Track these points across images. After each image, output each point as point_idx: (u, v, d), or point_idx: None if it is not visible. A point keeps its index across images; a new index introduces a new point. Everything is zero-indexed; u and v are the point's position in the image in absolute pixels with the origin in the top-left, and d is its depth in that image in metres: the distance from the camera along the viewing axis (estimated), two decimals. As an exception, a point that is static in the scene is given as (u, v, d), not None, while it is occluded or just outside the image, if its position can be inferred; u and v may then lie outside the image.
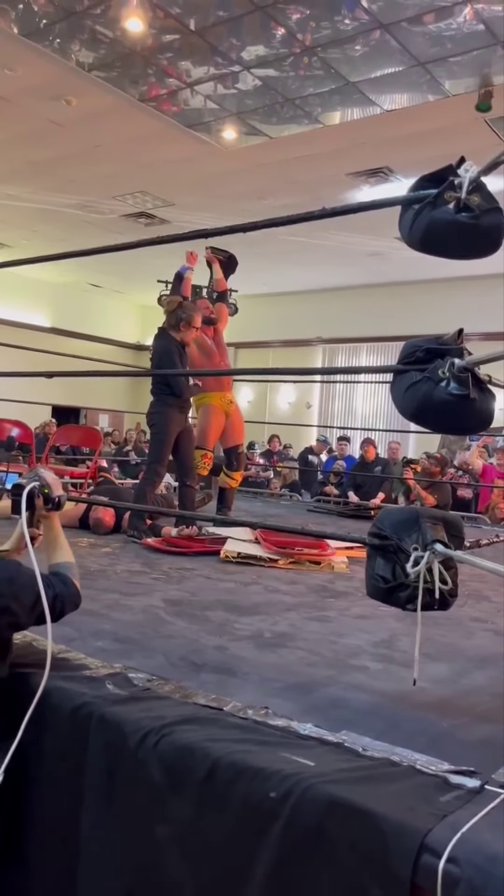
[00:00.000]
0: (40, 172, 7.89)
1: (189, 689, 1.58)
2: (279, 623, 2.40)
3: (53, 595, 1.62)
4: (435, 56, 5.20)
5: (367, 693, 1.74)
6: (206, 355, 4.89)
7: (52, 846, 1.53)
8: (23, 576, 1.59)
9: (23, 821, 1.57)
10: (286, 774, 1.20)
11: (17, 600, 1.54)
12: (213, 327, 5.02)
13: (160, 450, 4.13)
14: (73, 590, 1.72)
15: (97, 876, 1.41)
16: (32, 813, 1.57)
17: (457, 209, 1.47)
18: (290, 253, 10.07)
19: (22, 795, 1.56)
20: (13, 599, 1.54)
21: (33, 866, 1.56)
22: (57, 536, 1.83)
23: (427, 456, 6.77)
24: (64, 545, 1.83)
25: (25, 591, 1.56)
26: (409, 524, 1.54)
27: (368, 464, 7.88)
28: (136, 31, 5.16)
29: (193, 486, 4.36)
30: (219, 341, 5.07)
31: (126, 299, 14.54)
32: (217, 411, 4.88)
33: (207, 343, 4.91)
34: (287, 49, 5.31)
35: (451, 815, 1.10)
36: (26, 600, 1.56)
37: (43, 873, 1.53)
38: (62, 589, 1.68)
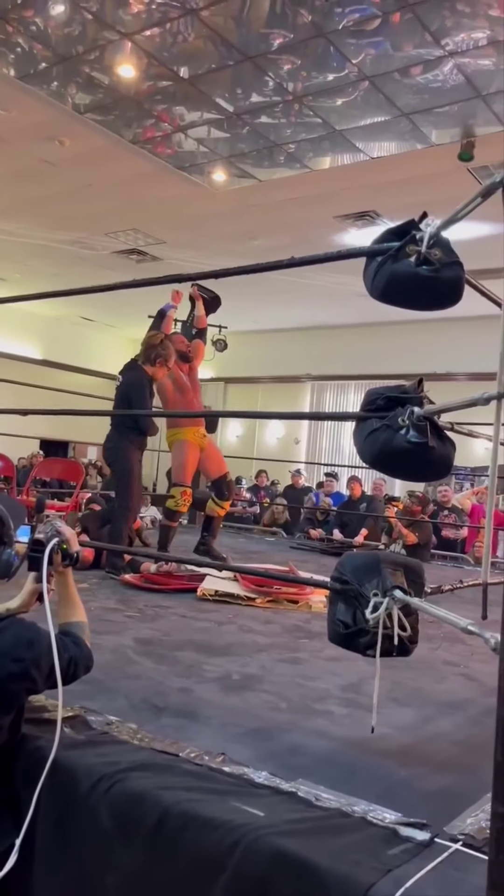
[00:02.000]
0: (34, 209, 8.01)
1: (147, 733, 1.57)
2: (249, 665, 2.39)
3: (69, 658, 1.57)
4: (419, 107, 5.36)
5: (327, 740, 1.73)
6: (180, 391, 4.91)
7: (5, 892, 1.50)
8: (43, 639, 1.52)
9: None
10: (235, 825, 1.19)
11: (37, 666, 1.48)
12: (188, 364, 5.05)
13: (129, 486, 4.12)
14: (86, 651, 1.66)
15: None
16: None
17: (417, 262, 1.51)
18: (280, 291, 10.21)
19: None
20: (34, 665, 1.48)
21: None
22: (71, 594, 1.76)
23: (409, 495, 6.79)
24: (78, 603, 1.76)
25: (45, 656, 1.50)
26: (370, 569, 1.55)
27: (354, 501, 7.89)
28: (128, 78, 5.30)
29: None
30: (193, 378, 5.10)
31: (117, 333, 14.66)
32: (192, 446, 4.88)
33: (182, 379, 4.93)
34: (277, 97, 5.46)
35: (396, 870, 1.09)
36: (45, 665, 1.50)
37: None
38: (76, 651, 1.61)
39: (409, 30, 4.52)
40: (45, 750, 1.45)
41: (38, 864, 1.43)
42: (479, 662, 2.65)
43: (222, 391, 13.73)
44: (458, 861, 1.14)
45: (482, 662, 2.65)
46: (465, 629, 1.22)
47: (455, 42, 4.63)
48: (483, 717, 2.01)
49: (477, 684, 2.39)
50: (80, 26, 4.83)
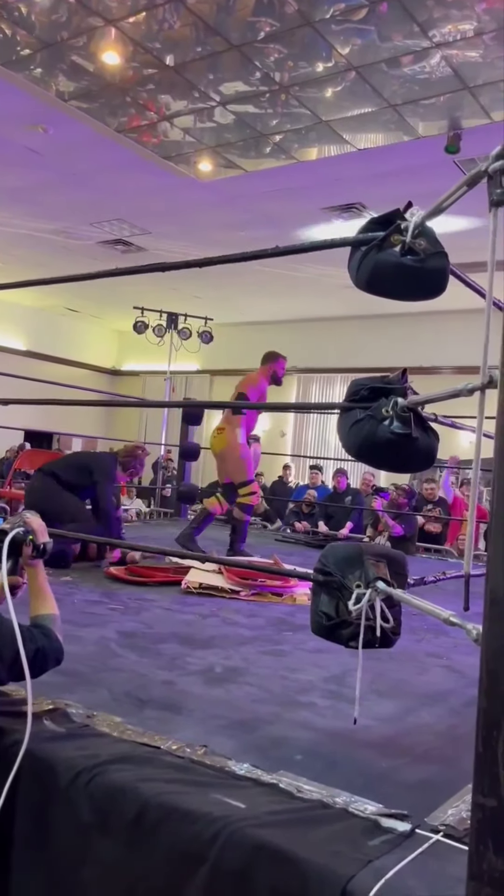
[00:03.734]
0: (17, 198, 7.93)
1: (129, 726, 1.56)
2: (232, 657, 2.38)
3: (35, 649, 1.55)
4: (406, 99, 5.34)
5: (310, 731, 1.73)
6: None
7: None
8: (4, 628, 1.51)
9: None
10: (215, 817, 1.18)
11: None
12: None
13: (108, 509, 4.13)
14: (56, 644, 1.64)
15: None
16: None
17: (402, 252, 1.50)
18: (266, 283, 10.19)
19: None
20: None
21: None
22: (41, 586, 1.75)
23: (395, 487, 6.82)
24: (49, 596, 1.75)
25: (9, 646, 1.48)
26: (353, 561, 1.54)
27: (339, 494, 7.91)
28: (113, 65, 5.25)
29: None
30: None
31: (103, 324, 14.57)
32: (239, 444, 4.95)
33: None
34: (264, 87, 5.42)
35: (377, 861, 1.09)
36: (7, 656, 1.48)
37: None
38: (44, 643, 1.60)
39: (396, 20, 4.50)
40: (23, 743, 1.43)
41: (17, 858, 1.42)
42: (461, 654, 2.66)
43: (208, 383, 13.70)
44: (439, 852, 1.14)
45: (465, 654, 2.66)
46: (448, 620, 1.22)
47: (442, 34, 4.62)
48: (465, 709, 2.01)
49: (459, 676, 2.40)
50: (65, 12, 4.76)
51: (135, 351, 14.04)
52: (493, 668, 0.97)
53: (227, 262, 1.87)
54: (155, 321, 11.01)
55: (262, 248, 1.90)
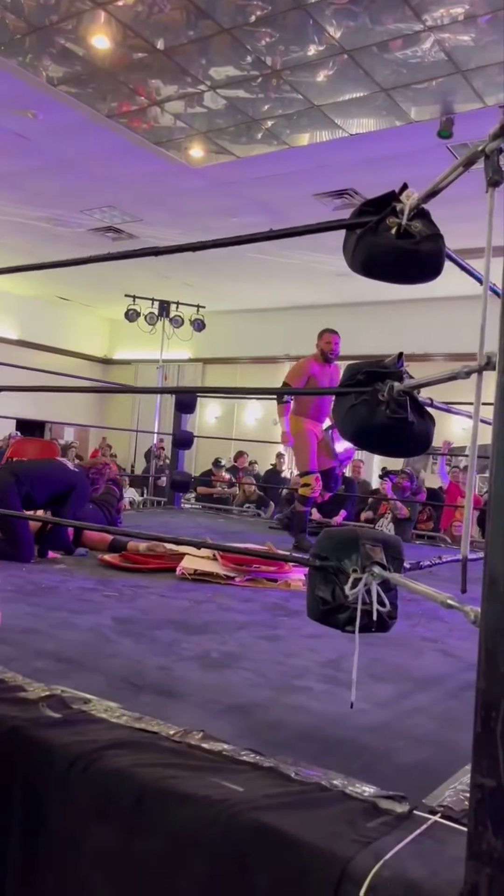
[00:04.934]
0: (7, 185, 7.85)
1: (125, 711, 1.56)
2: (228, 642, 2.38)
3: None
4: (398, 83, 5.31)
5: (307, 715, 1.73)
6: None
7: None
8: None
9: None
10: (213, 800, 1.18)
11: None
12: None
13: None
14: None
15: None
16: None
17: (398, 235, 1.49)
18: (258, 270, 10.15)
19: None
20: None
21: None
22: None
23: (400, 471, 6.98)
24: None
25: None
26: (349, 545, 1.54)
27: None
28: (104, 49, 5.19)
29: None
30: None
31: (94, 313, 14.50)
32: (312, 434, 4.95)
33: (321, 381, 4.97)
34: (255, 71, 5.38)
35: (376, 842, 1.09)
36: None
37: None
38: None
39: (388, 3, 4.47)
40: (22, 730, 1.43)
41: (14, 845, 1.42)
42: (456, 639, 2.67)
43: (200, 372, 13.66)
44: (437, 833, 1.15)
45: (460, 639, 2.67)
46: (445, 603, 1.22)
47: (434, 17, 4.59)
48: (461, 692, 2.03)
49: (454, 660, 2.41)
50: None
51: (127, 339, 13.99)
52: (491, 649, 0.97)
53: (221, 246, 1.86)
54: (147, 309, 10.97)
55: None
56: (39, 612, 2.57)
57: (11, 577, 3.18)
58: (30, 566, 3.52)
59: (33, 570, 3.45)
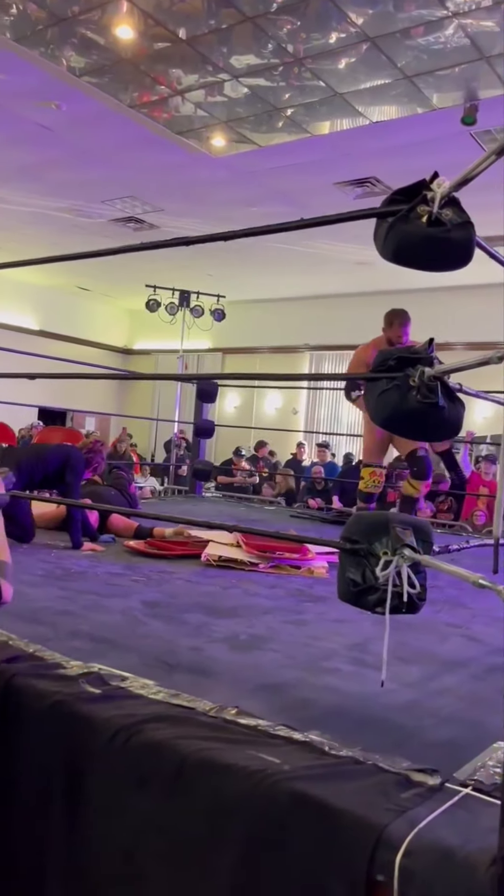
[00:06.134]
0: (29, 176, 7.91)
1: (161, 688, 1.61)
2: (255, 626, 2.43)
3: None
4: (422, 69, 5.28)
5: (337, 694, 1.77)
6: None
7: (19, 844, 1.54)
8: None
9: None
10: (252, 770, 1.23)
11: None
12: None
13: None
14: None
15: (62, 871, 1.43)
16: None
17: (429, 223, 1.51)
18: (279, 260, 10.14)
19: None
20: None
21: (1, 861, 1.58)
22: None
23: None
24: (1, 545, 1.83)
25: None
26: (380, 528, 1.57)
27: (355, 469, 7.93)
28: (126, 39, 5.21)
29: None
30: None
31: (114, 303, 14.57)
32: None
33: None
34: (277, 59, 5.37)
35: (410, 811, 1.13)
36: None
37: (14, 865, 1.55)
38: None
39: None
40: (65, 705, 1.49)
41: (54, 814, 1.47)
42: (480, 624, 2.70)
43: (220, 361, 13.70)
44: (469, 804, 1.18)
45: (484, 624, 2.70)
46: (478, 583, 1.25)
47: (457, 3, 4.56)
48: (486, 675, 2.06)
49: (479, 644, 2.43)
50: (77, -15, 4.74)
51: (147, 330, 14.06)
52: (525, 625, 1.00)
53: (251, 235, 1.89)
54: (167, 299, 11.01)
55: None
56: (71, 595, 2.63)
57: (41, 563, 3.25)
58: (58, 552, 3.59)
59: (62, 555, 3.51)
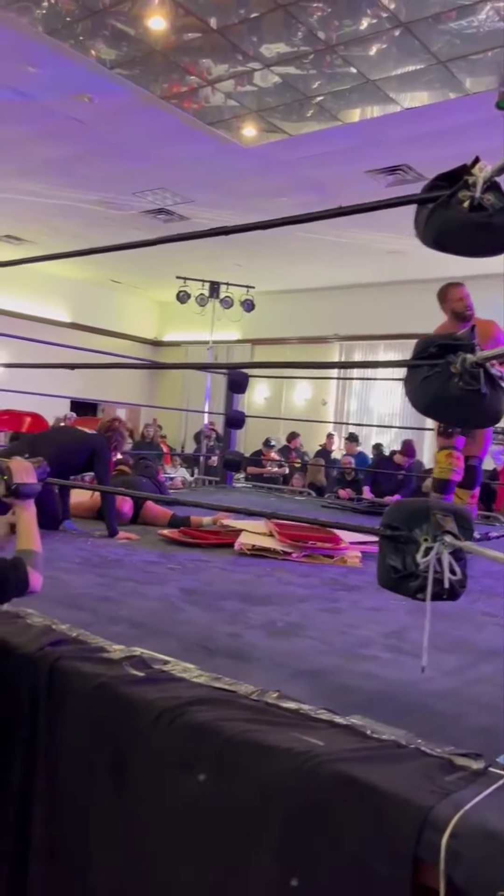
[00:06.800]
0: (61, 169, 7.98)
1: (203, 671, 1.63)
2: (291, 613, 2.45)
3: None
4: (455, 54, 5.21)
5: (376, 680, 1.78)
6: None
7: (64, 821, 1.58)
8: None
9: (32, 797, 1.62)
10: (296, 752, 1.25)
11: None
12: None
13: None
14: (22, 577, 1.74)
15: (108, 849, 1.46)
16: (43, 789, 1.62)
17: (470, 208, 1.50)
18: (308, 250, 10.10)
19: (30, 770, 1.62)
20: None
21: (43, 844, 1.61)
22: (25, 525, 1.87)
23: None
24: (28, 534, 1.86)
25: None
26: (420, 515, 1.57)
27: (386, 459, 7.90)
28: (158, 29, 5.22)
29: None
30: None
31: (145, 295, 14.64)
32: None
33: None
34: (308, 47, 5.34)
35: (454, 794, 1.14)
36: None
37: (54, 849, 1.59)
38: (9, 572, 1.73)
39: (445, -28, 4.38)
40: (109, 687, 1.52)
41: (97, 794, 1.51)
42: (517, 614, 2.69)
43: (249, 352, 13.69)
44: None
45: (521, 614, 2.68)
46: (521, 569, 1.25)
47: (493, -15, 4.48)
48: (525, 663, 2.05)
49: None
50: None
51: (176, 321, 14.10)
52: None
53: (290, 224, 1.90)
54: (197, 290, 11.03)
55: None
56: (109, 583, 2.67)
57: (78, 551, 3.30)
58: (94, 540, 3.64)
59: (98, 543, 3.56)
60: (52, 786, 1.59)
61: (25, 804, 1.62)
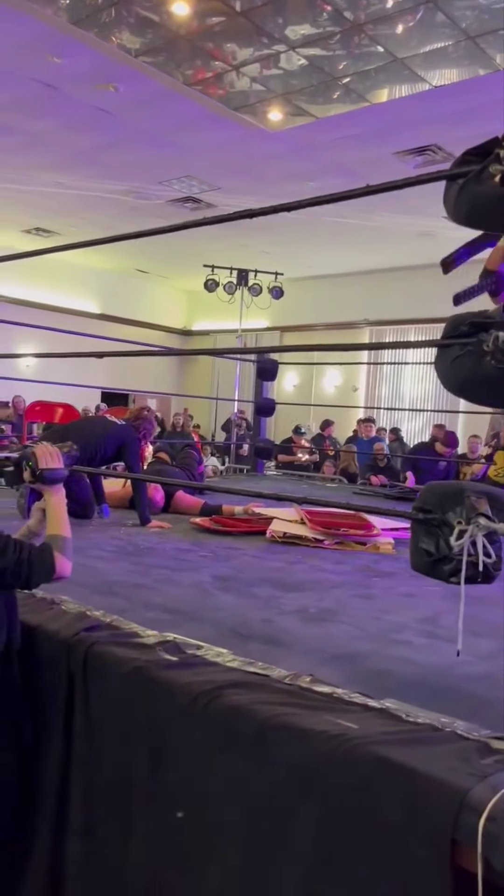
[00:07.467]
0: (88, 160, 8.00)
1: (236, 656, 1.64)
2: (324, 599, 2.44)
3: (17, 560, 1.68)
4: (485, 29, 5.09)
5: (410, 665, 1.77)
6: None
7: (101, 800, 1.60)
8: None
9: (69, 779, 1.65)
10: (331, 735, 1.24)
11: None
12: None
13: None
14: (48, 561, 1.74)
15: (145, 829, 1.48)
16: (77, 771, 1.65)
17: (502, 182, 1.46)
18: (336, 234, 10.00)
19: (68, 754, 1.64)
20: None
21: (80, 823, 1.64)
22: (51, 510, 1.87)
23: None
24: (57, 519, 1.85)
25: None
26: (454, 498, 1.55)
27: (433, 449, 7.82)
28: (182, 15, 5.19)
29: None
30: None
31: (173, 285, 14.66)
32: None
33: None
34: (334, 27, 5.26)
35: (491, 777, 1.13)
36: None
37: (89, 827, 1.61)
38: (36, 557, 1.72)
39: None
40: (144, 671, 1.53)
41: (136, 776, 1.53)
42: (553, 598, 2.64)
43: (278, 340, 13.64)
44: (551, 772, 1.17)
45: None
46: None
47: (523, -45, 4.36)
48: None
49: (552, 618, 2.38)
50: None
51: (205, 310, 14.10)
52: None
53: (316, 205, 1.86)
54: (225, 279, 11.00)
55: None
56: (142, 570, 2.70)
57: (112, 539, 3.33)
58: (127, 529, 3.67)
59: (130, 532, 3.60)
60: (89, 767, 1.62)
61: (63, 785, 1.65)
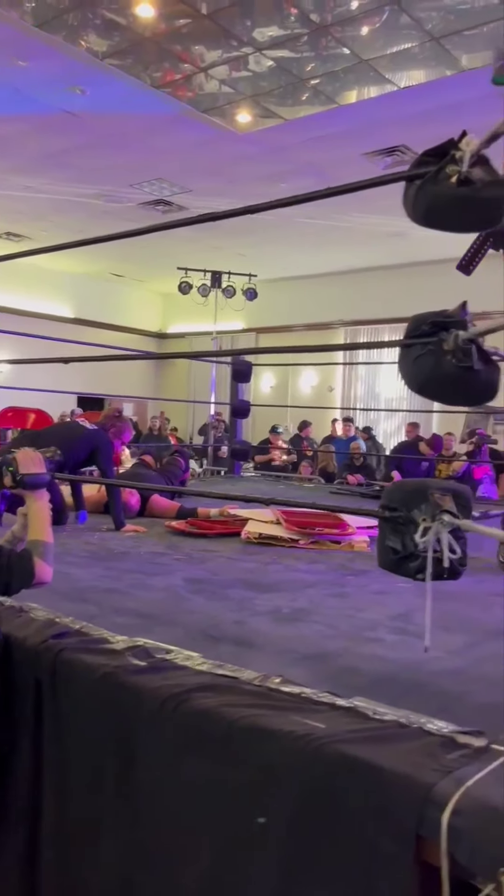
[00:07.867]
0: (57, 163, 7.95)
1: (205, 659, 1.63)
2: (298, 599, 2.45)
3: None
4: (449, 30, 5.14)
5: (382, 662, 1.78)
6: None
7: (75, 805, 1.59)
8: None
9: (40, 786, 1.64)
10: (298, 735, 1.25)
11: None
12: None
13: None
14: (28, 567, 1.72)
15: (116, 833, 1.47)
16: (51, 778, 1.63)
17: (458, 183, 1.48)
18: (309, 235, 10.04)
19: (38, 761, 1.63)
20: None
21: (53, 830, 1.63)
22: (33, 515, 1.85)
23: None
24: (41, 524, 1.84)
25: None
26: (418, 495, 1.56)
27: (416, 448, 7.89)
28: (147, 17, 5.18)
29: None
30: None
31: (147, 288, 14.62)
32: None
33: None
34: (302, 29, 5.28)
35: (456, 772, 1.14)
36: None
37: (62, 834, 1.60)
38: (15, 563, 1.72)
39: None
40: (113, 676, 1.52)
41: (107, 779, 1.52)
42: (524, 592, 2.67)
43: (254, 341, 13.66)
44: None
45: (528, 592, 2.67)
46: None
47: (485, -43, 4.41)
48: (532, 641, 2.04)
49: (524, 612, 2.41)
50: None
51: (180, 313, 14.08)
52: None
53: (278, 207, 1.87)
54: (199, 281, 11.00)
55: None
56: (115, 575, 2.68)
57: (86, 545, 3.31)
58: (101, 534, 3.65)
59: (105, 537, 3.58)
60: (59, 773, 1.60)
61: (34, 792, 1.63)
